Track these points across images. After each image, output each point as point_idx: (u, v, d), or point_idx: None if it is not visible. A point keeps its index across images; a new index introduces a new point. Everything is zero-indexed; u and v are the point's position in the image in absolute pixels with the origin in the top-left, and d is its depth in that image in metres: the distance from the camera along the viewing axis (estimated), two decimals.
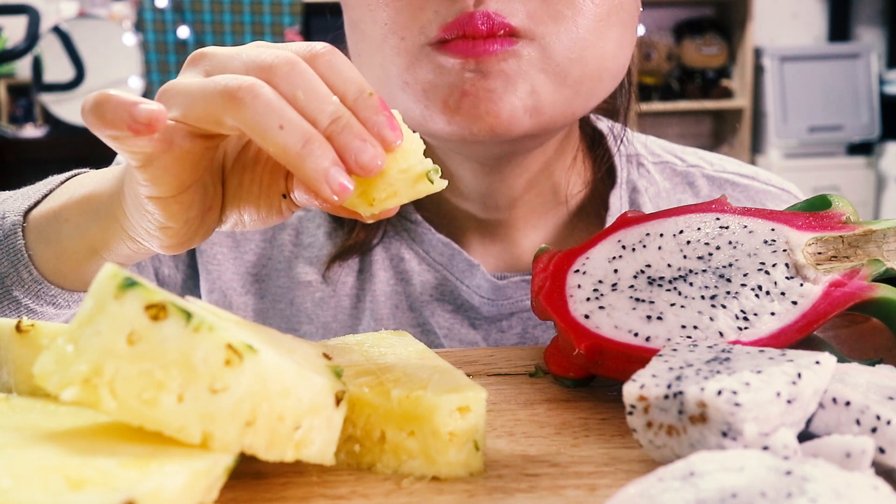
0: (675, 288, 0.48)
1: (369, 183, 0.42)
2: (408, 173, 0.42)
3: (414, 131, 0.44)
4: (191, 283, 0.74)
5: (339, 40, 0.66)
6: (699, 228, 0.51)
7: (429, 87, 0.57)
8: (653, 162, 0.76)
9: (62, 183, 0.59)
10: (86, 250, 0.55)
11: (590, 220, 0.72)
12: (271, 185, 0.49)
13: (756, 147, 3.59)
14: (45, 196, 0.58)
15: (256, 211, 0.49)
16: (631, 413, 0.37)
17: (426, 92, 0.58)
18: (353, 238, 0.71)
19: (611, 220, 0.71)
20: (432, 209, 0.71)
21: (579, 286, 0.50)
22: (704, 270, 0.48)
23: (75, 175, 0.61)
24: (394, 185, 0.42)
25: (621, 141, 0.73)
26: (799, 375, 0.36)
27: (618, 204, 0.72)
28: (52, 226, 0.56)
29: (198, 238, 0.49)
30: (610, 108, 0.73)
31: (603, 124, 0.75)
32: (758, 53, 3.52)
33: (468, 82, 0.56)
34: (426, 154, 0.42)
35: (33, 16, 2.80)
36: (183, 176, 0.45)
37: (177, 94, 0.43)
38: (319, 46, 0.43)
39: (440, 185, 0.43)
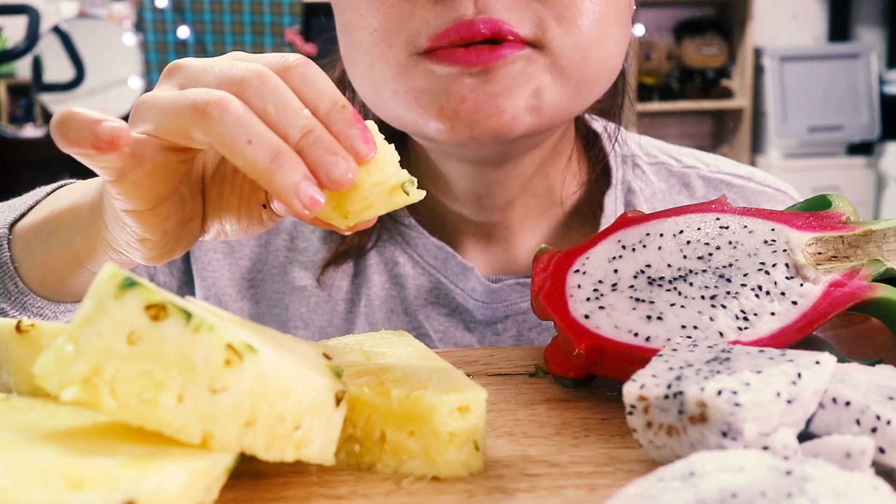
0: (675, 288, 0.48)
1: (343, 196, 0.41)
2: (382, 186, 0.42)
3: (390, 142, 0.43)
4: (186, 290, 0.74)
5: (334, 41, 0.66)
6: (699, 228, 0.51)
7: (421, 95, 0.57)
8: (648, 163, 0.76)
9: (48, 195, 0.60)
10: (71, 262, 0.55)
11: (585, 222, 0.72)
12: (251, 196, 0.49)
13: (756, 147, 3.59)
14: (31, 208, 0.59)
15: (237, 221, 0.49)
16: (631, 413, 0.37)
17: (418, 100, 0.57)
18: (348, 242, 0.71)
19: (605, 221, 0.71)
20: (426, 213, 0.71)
21: (579, 286, 0.50)
22: (704, 270, 0.48)
23: (61, 186, 0.61)
24: (368, 197, 0.42)
25: (615, 141, 0.73)
26: (799, 375, 0.36)
27: (612, 205, 0.72)
28: (38, 238, 0.56)
29: (179, 249, 0.49)
30: (606, 108, 0.73)
31: (598, 124, 0.74)
32: (758, 53, 3.52)
33: (467, 87, 0.55)
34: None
35: (33, 16, 2.80)
36: (156, 189, 0.45)
37: (149, 109, 0.43)
38: (293, 58, 0.43)
39: (417, 196, 0.42)
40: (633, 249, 0.51)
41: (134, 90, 3.13)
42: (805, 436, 0.37)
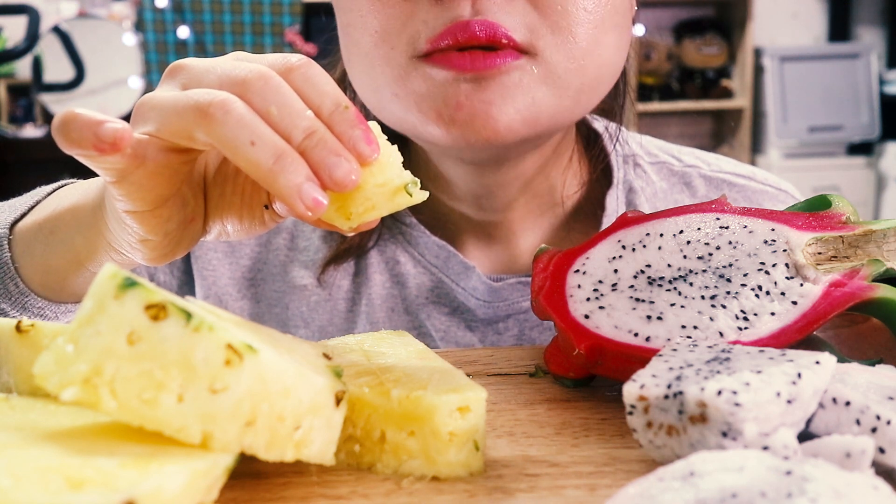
0: (675, 288, 0.48)
1: (346, 197, 0.41)
2: (385, 187, 0.42)
3: (392, 143, 0.43)
4: (186, 289, 0.74)
5: (335, 41, 0.66)
6: (699, 228, 0.51)
7: (421, 100, 0.57)
8: (649, 162, 0.76)
9: (49, 194, 0.60)
10: (72, 262, 0.55)
11: (586, 221, 0.72)
12: (253, 196, 0.49)
13: (756, 147, 3.59)
14: (32, 208, 0.58)
15: (239, 221, 0.49)
16: (631, 413, 0.37)
17: (418, 104, 0.57)
18: (348, 241, 0.71)
19: (607, 220, 0.71)
20: (427, 212, 0.71)
21: (579, 286, 0.50)
22: (704, 270, 0.48)
23: (62, 186, 0.61)
24: (371, 198, 0.42)
25: (616, 140, 0.73)
26: (799, 375, 0.36)
27: (614, 204, 0.72)
28: (39, 238, 0.56)
29: (181, 249, 0.49)
30: (606, 108, 0.73)
31: (599, 124, 0.74)
32: (758, 53, 3.52)
33: (463, 93, 0.55)
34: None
35: (33, 16, 2.80)
36: (158, 190, 0.45)
37: (151, 109, 0.42)
38: (295, 59, 0.43)
39: (419, 197, 0.42)
40: (633, 249, 0.51)
41: (134, 90, 3.13)
42: (805, 436, 0.37)
